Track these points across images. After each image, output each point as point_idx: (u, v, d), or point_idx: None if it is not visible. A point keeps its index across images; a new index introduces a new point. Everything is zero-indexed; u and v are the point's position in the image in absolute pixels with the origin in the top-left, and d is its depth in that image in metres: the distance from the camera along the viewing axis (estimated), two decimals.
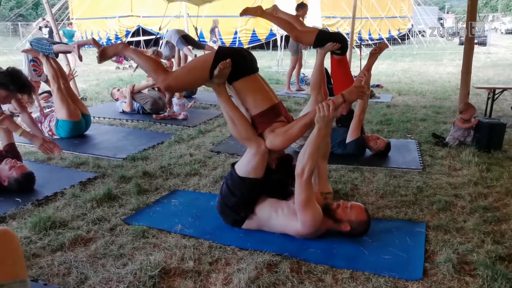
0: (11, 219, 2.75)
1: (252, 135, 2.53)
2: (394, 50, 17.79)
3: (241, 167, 2.56)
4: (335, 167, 3.73)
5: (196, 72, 2.53)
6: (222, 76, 2.47)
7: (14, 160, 3.20)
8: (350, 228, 2.42)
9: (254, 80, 2.58)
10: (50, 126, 4.60)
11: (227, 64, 2.41)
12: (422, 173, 3.59)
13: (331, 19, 17.83)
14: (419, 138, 4.62)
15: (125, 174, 3.51)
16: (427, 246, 2.42)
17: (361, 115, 3.97)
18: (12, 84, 3.12)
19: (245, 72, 2.54)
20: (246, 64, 2.55)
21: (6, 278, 1.33)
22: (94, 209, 2.89)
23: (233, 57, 2.45)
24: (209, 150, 4.26)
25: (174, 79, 2.54)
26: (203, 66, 2.49)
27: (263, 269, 2.19)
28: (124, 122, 5.50)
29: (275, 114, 2.57)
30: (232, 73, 2.48)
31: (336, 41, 3.70)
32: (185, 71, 2.63)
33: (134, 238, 2.51)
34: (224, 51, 2.54)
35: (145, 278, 2.08)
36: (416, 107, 6.37)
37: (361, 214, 2.43)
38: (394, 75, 10.35)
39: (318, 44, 3.71)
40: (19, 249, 1.45)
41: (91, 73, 10.71)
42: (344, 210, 2.43)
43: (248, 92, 2.55)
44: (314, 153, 2.32)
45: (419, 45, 20.19)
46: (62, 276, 2.14)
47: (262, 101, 2.55)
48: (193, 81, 2.61)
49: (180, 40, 6.84)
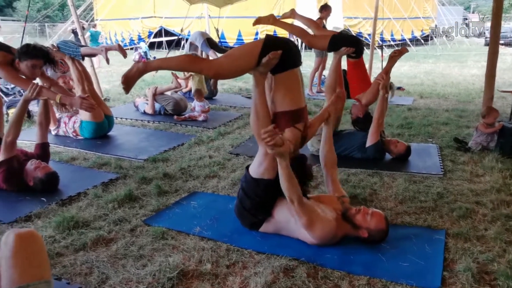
0: (37, 218, 2.84)
1: None
2: (417, 51, 17.52)
3: (254, 169, 2.59)
4: (354, 171, 3.72)
5: (244, 58, 2.48)
6: (269, 66, 2.44)
7: (39, 160, 3.30)
8: (368, 235, 2.42)
9: (294, 77, 2.55)
10: (74, 127, 4.72)
11: (277, 55, 2.38)
12: (443, 178, 3.54)
13: (353, 20, 17.67)
14: (441, 143, 4.55)
15: (146, 176, 3.58)
16: (446, 254, 2.39)
17: (380, 119, 3.93)
18: (32, 51, 3.18)
19: (290, 65, 2.51)
20: (293, 57, 2.54)
21: (32, 279, 1.39)
22: (115, 209, 2.96)
23: (283, 49, 2.41)
24: (228, 152, 4.30)
25: (221, 66, 2.49)
26: (252, 53, 2.44)
27: (280, 273, 2.20)
28: (146, 123, 5.59)
29: (298, 117, 2.57)
30: (277, 64, 2.45)
31: (350, 45, 3.68)
32: (233, 58, 2.56)
33: (153, 240, 2.56)
34: (273, 40, 2.49)
35: (164, 280, 2.13)
36: (438, 111, 6.27)
37: (381, 223, 2.42)
38: (416, 77, 10.19)
39: (332, 48, 3.70)
40: (44, 250, 1.50)
41: (114, 74, 10.91)
42: (365, 217, 2.42)
43: (283, 88, 2.53)
44: (288, 183, 2.35)
45: (442, 46, 19.80)
46: (84, 275, 2.20)
47: (291, 101, 2.55)
48: (241, 68, 2.53)
49: (205, 43, 6.93)
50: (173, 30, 18.50)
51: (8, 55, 3.19)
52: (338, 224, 2.46)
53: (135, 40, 19.81)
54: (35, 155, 3.43)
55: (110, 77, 10.44)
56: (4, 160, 3.19)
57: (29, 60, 3.12)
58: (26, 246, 1.43)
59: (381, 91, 3.86)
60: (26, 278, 1.39)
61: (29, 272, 1.41)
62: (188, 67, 2.66)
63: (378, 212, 2.47)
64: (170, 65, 2.66)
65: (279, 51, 2.38)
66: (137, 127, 5.40)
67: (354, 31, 17.96)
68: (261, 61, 2.41)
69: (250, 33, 17.95)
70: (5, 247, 1.44)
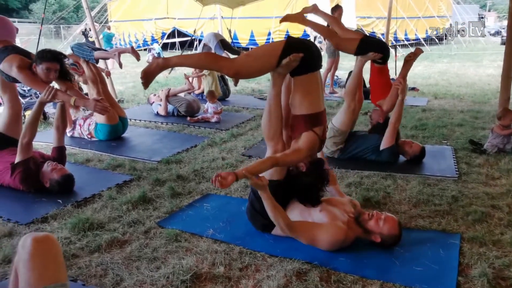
0: (53, 219, 2.89)
1: (276, 137, 2.57)
2: (431, 50, 17.33)
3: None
4: (368, 173, 3.70)
5: (265, 59, 2.48)
6: (288, 68, 2.44)
7: (55, 162, 3.35)
8: (381, 240, 2.41)
9: (314, 80, 2.54)
10: (89, 129, 4.78)
11: (298, 57, 2.37)
12: (458, 181, 3.50)
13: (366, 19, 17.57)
14: (455, 145, 4.50)
15: (160, 177, 3.61)
16: (461, 258, 2.37)
17: (396, 124, 3.89)
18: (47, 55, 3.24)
19: (310, 69, 2.50)
20: (314, 60, 2.52)
21: (48, 282, 1.41)
22: (129, 211, 2.99)
23: (304, 51, 2.40)
24: (241, 154, 4.31)
25: (242, 65, 2.47)
26: (272, 53, 2.43)
27: (292, 277, 2.20)
28: (159, 125, 5.64)
29: (316, 121, 2.54)
30: (297, 66, 2.44)
31: (378, 51, 3.64)
32: (254, 57, 2.55)
33: (167, 242, 2.58)
34: (295, 42, 2.49)
35: (178, 282, 2.15)
36: (453, 112, 6.19)
37: (393, 229, 2.40)
38: (431, 78, 10.08)
39: (360, 52, 3.65)
40: (60, 253, 1.53)
41: (128, 75, 11.01)
42: (377, 222, 2.40)
43: (302, 90, 2.52)
44: (273, 212, 2.38)
45: (457, 45, 19.57)
46: (99, 277, 2.23)
47: (309, 104, 2.52)
48: (261, 68, 2.53)
49: (218, 45, 6.96)
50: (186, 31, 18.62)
51: (27, 59, 3.26)
52: (350, 227, 2.44)
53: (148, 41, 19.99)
54: (51, 158, 3.48)
55: (123, 78, 10.55)
56: (21, 161, 3.25)
57: (44, 64, 3.19)
58: (43, 250, 1.46)
59: (400, 96, 3.83)
60: (43, 281, 1.42)
61: (45, 275, 1.43)
62: (209, 65, 2.65)
63: (391, 217, 2.45)
64: (190, 62, 2.67)
65: (300, 54, 2.37)
66: (150, 129, 5.45)
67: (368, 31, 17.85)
68: (281, 62, 2.40)
69: (262, 33, 17.98)
70: (22, 250, 1.47)
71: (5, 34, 3.42)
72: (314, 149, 2.59)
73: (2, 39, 3.36)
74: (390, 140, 3.90)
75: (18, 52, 3.28)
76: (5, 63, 3.19)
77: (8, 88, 3.58)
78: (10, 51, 3.25)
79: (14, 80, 3.34)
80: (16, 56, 3.22)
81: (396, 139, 3.98)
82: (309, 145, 2.51)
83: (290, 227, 2.40)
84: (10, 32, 3.48)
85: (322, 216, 2.47)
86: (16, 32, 3.61)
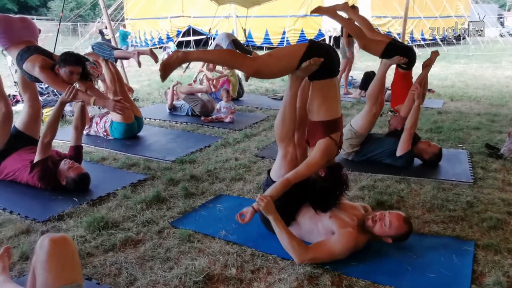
0: (68, 217, 2.94)
1: (287, 139, 2.57)
2: (448, 51, 17.09)
3: (274, 172, 2.62)
4: (381, 177, 3.68)
5: (286, 60, 2.48)
6: (307, 71, 2.44)
7: (72, 161, 3.41)
8: (392, 240, 2.40)
9: (332, 86, 2.54)
10: (105, 127, 4.85)
11: (318, 62, 2.37)
12: (473, 186, 3.46)
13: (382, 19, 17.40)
14: (471, 149, 4.44)
15: (174, 177, 3.64)
16: (475, 266, 2.34)
17: (412, 129, 3.84)
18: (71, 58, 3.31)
19: (329, 74, 2.50)
20: (333, 66, 2.53)
21: (65, 282, 1.45)
22: (143, 211, 3.03)
23: (325, 56, 2.40)
24: (254, 154, 4.32)
25: (262, 65, 2.47)
26: (294, 55, 2.44)
27: (304, 280, 2.21)
28: (174, 124, 5.69)
29: (334, 127, 2.54)
30: (316, 71, 2.44)
31: (404, 55, 3.62)
32: (274, 58, 2.54)
33: (180, 242, 2.61)
34: (317, 46, 2.49)
35: (190, 283, 2.17)
36: (469, 114, 6.11)
37: (401, 228, 2.38)
38: (447, 79, 9.95)
39: (386, 55, 3.64)
40: (76, 254, 1.57)
41: (143, 73, 11.10)
42: (382, 227, 2.37)
43: (320, 96, 2.52)
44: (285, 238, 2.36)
45: (475, 46, 19.25)
46: (113, 276, 2.27)
47: (327, 111, 2.52)
48: (281, 69, 2.54)
49: (231, 45, 6.99)
50: (201, 29, 18.70)
51: (49, 60, 3.33)
52: (359, 232, 2.42)
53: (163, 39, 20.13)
54: (68, 156, 3.54)
55: (139, 76, 10.65)
56: (40, 160, 3.31)
57: (67, 67, 3.26)
58: (60, 251, 1.50)
59: (416, 101, 3.78)
60: (60, 281, 1.45)
61: (62, 275, 1.47)
62: (229, 61, 2.64)
63: (395, 216, 2.40)
64: (210, 57, 2.68)
65: (321, 58, 2.37)
66: (165, 128, 5.50)
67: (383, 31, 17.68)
68: (301, 65, 2.41)
69: (277, 32, 17.95)
70: (40, 251, 1.50)
71: (28, 35, 3.49)
72: (331, 155, 2.58)
73: (25, 39, 3.43)
74: (406, 146, 3.85)
75: (40, 53, 3.35)
76: (28, 63, 3.27)
77: (29, 88, 3.66)
78: (33, 51, 3.32)
79: (36, 80, 3.41)
80: (38, 56, 3.29)
81: (414, 142, 3.94)
82: (326, 152, 2.50)
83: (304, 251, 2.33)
84: (33, 33, 3.55)
85: (331, 223, 2.43)
86: (39, 33, 3.69)
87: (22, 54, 3.32)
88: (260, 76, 2.70)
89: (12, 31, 3.39)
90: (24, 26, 3.48)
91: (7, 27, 3.38)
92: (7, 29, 3.38)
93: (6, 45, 3.39)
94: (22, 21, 3.53)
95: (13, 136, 3.58)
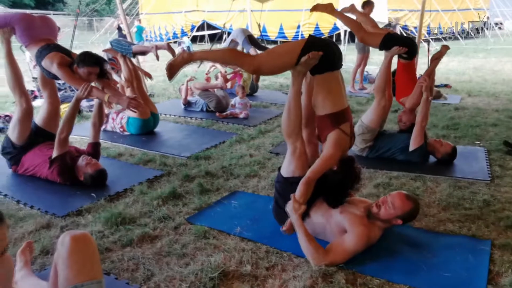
0: (87, 212, 3.01)
1: (294, 134, 2.59)
2: (466, 44, 16.80)
3: (285, 168, 2.65)
4: (396, 174, 3.66)
5: (285, 56, 2.53)
6: (307, 66, 2.47)
7: (90, 157, 3.48)
8: (402, 220, 2.40)
9: (334, 79, 2.56)
10: (121, 123, 4.92)
11: (316, 55, 2.40)
12: (490, 185, 3.42)
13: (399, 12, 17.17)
14: (489, 146, 4.38)
15: (189, 173, 3.68)
16: (491, 266, 2.33)
17: (423, 122, 3.80)
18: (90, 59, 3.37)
19: (330, 67, 2.52)
20: (334, 59, 2.54)
21: (85, 279, 1.49)
22: (160, 207, 3.08)
23: (324, 50, 2.43)
24: (269, 151, 4.34)
25: (262, 62, 2.55)
26: (293, 51, 2.47)
27: (318, 278, 2.22)
28: (189, 120, 5.73)
29: (341, 119, 2.55)
30: (317, 65, 2.47)
31: (403, 45, 3.64)
32: (273, 56, 2.61)
33: (196, 238, 2.64)
34: (315, 41, 2.51)
35: (206, 279, 2.20)
36: (487, 111, 6.01)
37: (406, 205, 2.37)
38: (465, 74, 9.79)
39: (384, 46, 3.68)
40: (96, 252, 1.61)
41: (158, 69, 11.16)
42: (387, 210, 2.38)
43: (323, 90, 2.54)
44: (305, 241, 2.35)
45: (494, 39, 18.88)
46: (131, 271, 2.32)
47: (331, 104, 2.54)
48: (280, 65, 2.59)
49: (246, 40, 7.00)
50: (215, 24, 18.72)
51: (67, 58, 3.40)
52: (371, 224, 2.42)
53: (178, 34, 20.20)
54: (86, 152, 3.62)
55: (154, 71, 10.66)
56: (58, 155, 3.38)
57: (85, 68, 3.33)
58: (81, 248, 1.54)
59: (424, 94, 3.76)
60: (80, 278, 1.50)
61: (83, 272, 1.51)
62: (231, 60, 2.72)
63: (397, 196, 2.40)
64: (213, 56, 2.77)
65: (319, 52, 2.40)
66: (180, 124, 5.55)
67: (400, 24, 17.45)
68: (300, 60, 2.43)
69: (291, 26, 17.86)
70: (62, 247, 1.55)
71: (48, 33, 3.55)
72: (344, 146, 2.59)
73: (44, 37, 3.49)
74: (419, 140, 3.83)
75: (59, 50, 3.41)
76: (47, 60, 3.33)
77: (49, 85, 3.73)
78: (52, 49, 3.39)
79: (54, 77, 3.48)
80: (57, 53, 3.36)
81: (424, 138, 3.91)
82: (338, 143, 2.52)
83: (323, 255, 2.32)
84: (52, 31, 3.61)
85: (341, 218, 2.45)
86: (58, 30, 3.75)
87: (42, 51, 3.38)
88: (261, 73, 2.78)
89: (32, 29, 3.46)
90: (44, 24, 3.55)
91: (28, 25, 3.45)
92: (28, 27, 3.45)
93: (26, 43, 3.46)
94: (42, 20, 3.60)
95: (34, 132, 3.67)
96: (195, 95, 6.21)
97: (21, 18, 3.45)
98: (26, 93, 3.65)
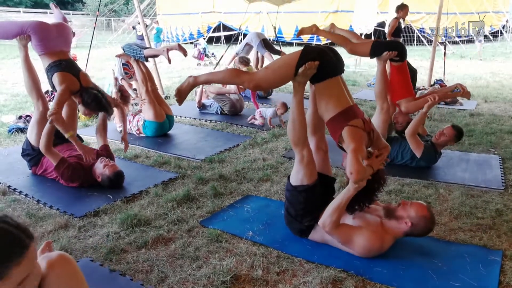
0: (104, 213, 3.09)
1: (300, 143, 2.62)
2: (484, 48, 16.55)
3: (293, 176, 2.68)
4: (409, 181, 3.67)
5: (282, 70, 2.59)
6: (306, 76, 2.52)
7: (108, 159, 3.58)
8: (412, 224, 2.43)
9: (335, 85, 2.58)
10: (138, 125, 5.02)
11: (313, 65, 2.45)
12: (504, 194, 3.41)
13: (415, 15, 17.01)
14: (504, 154, 4.35)
15: (203, 176, 3.75)
16: (502, 277, 2.34)
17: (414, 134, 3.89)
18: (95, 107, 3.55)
19: (328, 75, 2.55)
20: (331, 66, 2.57)
21: None
22: (174, 209, 3.15)
23: (320, 59, 2.47)
24: (282, 155, 4.38)
25: (260, 78, 2.61)
26: (289, 64, 2.53)
27: (328, 284, 2.26)
28: (203, 123, 5.80)
29: (349, 115, 2.54)
30: (317, 74, 2.51)
31: (392, 49, 3.74)
32: (272, 70, 2.67)
33: (209, 241, 2.70)
34: (310, 51, 2.55)
35: (218, 283, 2.26)
36: (503, 117, 5.95)
37: (421, 209, 2.45)
38: (482, 78, 9.67)
39: (374, 54, 3.78)
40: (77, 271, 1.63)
41: (174, 70, 11.30)
42: (405, 207, 2.48)
43: (325, 97, 2.58)
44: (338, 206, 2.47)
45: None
46: (146, 273, 2.39)
47: (334, 106, 2.56)
48: (280, 79, 2.66)
49: (261, 44, 7.05)
50: (231, 25, 18.81)
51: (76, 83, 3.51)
52: (384, 230, 2.48)
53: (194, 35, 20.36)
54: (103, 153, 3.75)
55: (170, 73, 10.84)
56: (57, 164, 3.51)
57: (87, 110, 3.57)
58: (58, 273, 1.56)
59: (425, 108, 3.87)
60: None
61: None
62: (233, 79, 2.81)
63: (418, 202, 2.54)
64: (217, 78, 2.87)
65: (315, 62, 2.45)
66: (195, 126, 5.62)
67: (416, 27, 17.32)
68: (298, 71, 2.49)
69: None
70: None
71: (62, 44, 3.60)
72: (362, 139, 2.51)
73: (59, 49, 3.55)
74: (418, 146, 3.89)
75: (69, 71, 3.50)
76: (56, 78, 3.44)
77: None
78: (63, 68, 3.48)
79: None
80: (67, 76, 3.46)
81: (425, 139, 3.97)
82: (354, 137, 2.46)
83: (335, 225, 2.47)
84: (66, 41, 3.65)
85: (354, 223, 2.51)
86: (72, 37, 3.83)
87: (53, 66, 3.48)
88: (261, 88, 2.86)
89: (47, 40, 3.50)
90: (59, 34, 3.58)
91: (44, 35, 3.50)
92: (44, 37, 3.49)
93: (40, 53, 3.51)
94: (58, 28, 3.61)
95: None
96: (210, 98, 6.28)
97: (36, 27, 3.48)
98: (43, 96, 3.75)
